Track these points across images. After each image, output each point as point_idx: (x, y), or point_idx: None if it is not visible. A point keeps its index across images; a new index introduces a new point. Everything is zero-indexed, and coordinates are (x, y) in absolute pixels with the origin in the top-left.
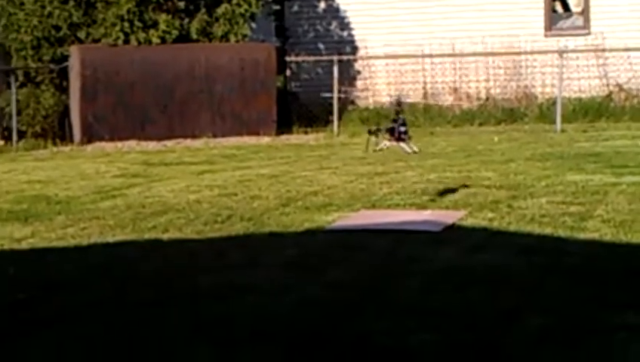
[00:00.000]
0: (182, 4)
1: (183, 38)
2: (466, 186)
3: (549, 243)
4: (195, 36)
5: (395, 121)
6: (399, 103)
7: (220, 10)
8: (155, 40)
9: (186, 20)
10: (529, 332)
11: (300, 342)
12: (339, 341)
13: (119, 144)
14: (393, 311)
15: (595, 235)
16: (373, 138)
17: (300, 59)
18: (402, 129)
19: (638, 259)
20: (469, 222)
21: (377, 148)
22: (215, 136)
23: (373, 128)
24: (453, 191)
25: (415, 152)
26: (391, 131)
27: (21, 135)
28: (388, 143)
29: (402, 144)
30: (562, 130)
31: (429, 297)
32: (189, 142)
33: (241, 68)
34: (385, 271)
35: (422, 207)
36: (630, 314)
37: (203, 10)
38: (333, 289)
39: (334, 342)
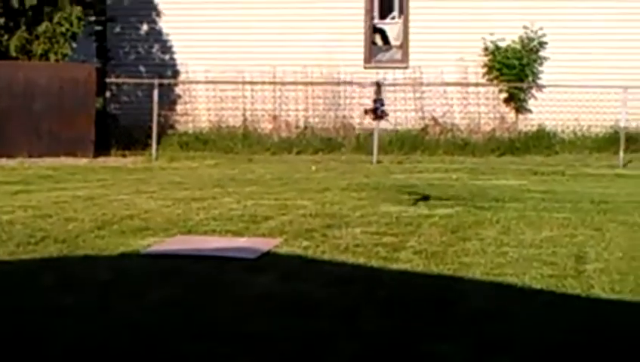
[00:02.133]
0: (1, 21)
1: (2, 54)
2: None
3: (362, 272)
4: (14, 53)
5: (376, 101)
6: (379, 85)
7: (40, 29)
8: None
9: (5, 37)
10: (342, 358)
11: None
12: None
13: None
14: (209, 336)
15: (408, 266)
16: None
17: (120, 80)
18: (383, 109)
19: (449, 290)
20: (285, 249)
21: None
22: (31, 155)
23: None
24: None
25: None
26: (374, 111)
27: None
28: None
29: (384, 122)
30: (378, 161)
31: (245, 323)
32: (4, 161)
33: (60, 87)
34: (200, 297)
35: (238, 233)
36: (439, 343)
37: (23, 27)
38: (148, 312)
39: None
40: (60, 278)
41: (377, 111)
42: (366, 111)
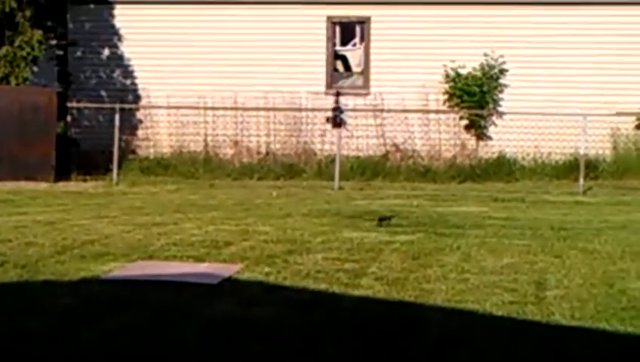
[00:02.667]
0: None
1: None
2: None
3: (324, 298)
4: None
5: (335, 110)
6: (338, 94)
7: (1, 52)
8: None
9: None
10: None
11: None
12: None
13: None
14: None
15: (369, 292)
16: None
17: (81, 105)
18: (342, 117)
19: (411, 317)
20: (246, 275)
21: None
22: None
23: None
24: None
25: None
26: (333, 119)
27: None
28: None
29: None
30: (340, 188)
31: (205, 349)
32: None
33: (21, 111)
34: (161, 322)
35: (199, 259)
36: None
37: None
38: (108, 338)
39: None
40: (20, 303)
41: (337, 119)
42: (327, 119)
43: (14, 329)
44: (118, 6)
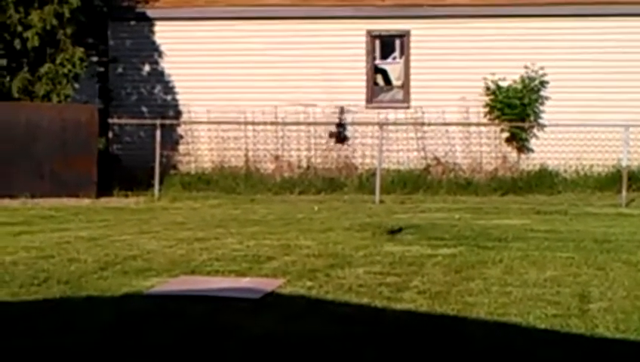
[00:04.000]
0: (4, 62)
1: (4, 96)
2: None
3: (366, 312)
4: (16, 95)
5: (338, 125)
6: (342, 111)
7: (42, 70)
8: None
9: (8, 78)
10: None
11: None
12: None
13: None
14: None
15: (412, 306)
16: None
17: (122, 121)
18: (346, 133)
19: (453, 331)
20: (288, 290)
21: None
22: (34, 196)
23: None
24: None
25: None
26: (337, 135)
27: None
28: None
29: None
30: (381, 201)
31: None
32: (6, 202)
33: (63, 128)
34: (204, 337)
35: (241, 274)
36: None
37: (25, 68)
38: (151, 354)
39: None
40: (63, 320)
41: (340, 135)
42: (331, 134)
43: (56, 346)
44: (158, 22)
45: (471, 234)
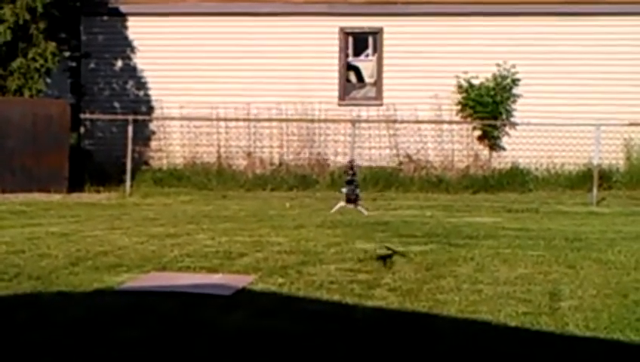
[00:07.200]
0: None
1: None
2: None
3: (337, 309)
4: None
5: (349, 183)
6: (352, 166)
7: (14, 64)
8: None
9: None
10: None
11: None
12: None
13: None
14: None
15: (383, 303)
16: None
17: (94, 117)
18: (357, 191)
19: (424, 328)
20: (259, 286)
21: (332, 211)
22: (4, 191)
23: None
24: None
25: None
26: (347, 194)
27: None
28: (343, 204)
29: (359, 207)
30: None
31: (218, 360)
32: None
33: (34, 123)
34: (175, 333)
35: (212, 270)
36: None
37: None
38: (122, 350)
39: None
40: (34, 315)
41: (351, 195)
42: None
43: (27, 341)
44: (130, 18)
45: (442, 232)
